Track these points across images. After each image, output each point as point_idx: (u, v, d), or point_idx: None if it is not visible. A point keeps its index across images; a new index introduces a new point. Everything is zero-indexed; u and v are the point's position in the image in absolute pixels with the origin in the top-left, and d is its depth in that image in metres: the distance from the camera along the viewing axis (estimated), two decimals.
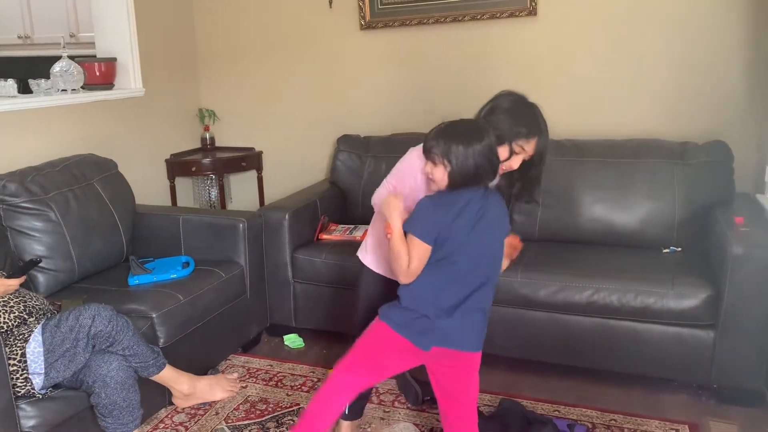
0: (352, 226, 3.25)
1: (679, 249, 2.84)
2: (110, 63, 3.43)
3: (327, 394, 1.88)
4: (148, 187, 3.66)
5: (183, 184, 4.02)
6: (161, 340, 2.42)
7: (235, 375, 2.73)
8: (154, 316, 2.40)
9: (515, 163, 1.99)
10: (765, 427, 2.37)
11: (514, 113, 1.98)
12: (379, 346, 1.86)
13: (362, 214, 3.40)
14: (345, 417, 2.25)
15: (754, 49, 2.99)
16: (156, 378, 2.28)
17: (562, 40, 3.29)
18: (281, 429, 2.39)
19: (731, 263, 2.35)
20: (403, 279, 1.80)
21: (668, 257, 2.77)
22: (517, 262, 2.76)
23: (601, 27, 3.21)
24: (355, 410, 2.26)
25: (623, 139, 3.11)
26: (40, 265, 2.50)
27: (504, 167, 1.97)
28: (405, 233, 1.78)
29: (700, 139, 3.02)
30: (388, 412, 2.50)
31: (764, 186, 2.87)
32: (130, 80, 3.53)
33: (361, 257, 2.22)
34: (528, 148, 1.98)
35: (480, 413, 2.36)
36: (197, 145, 4.08)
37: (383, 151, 3.41)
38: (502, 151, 1.92)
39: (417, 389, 2.53)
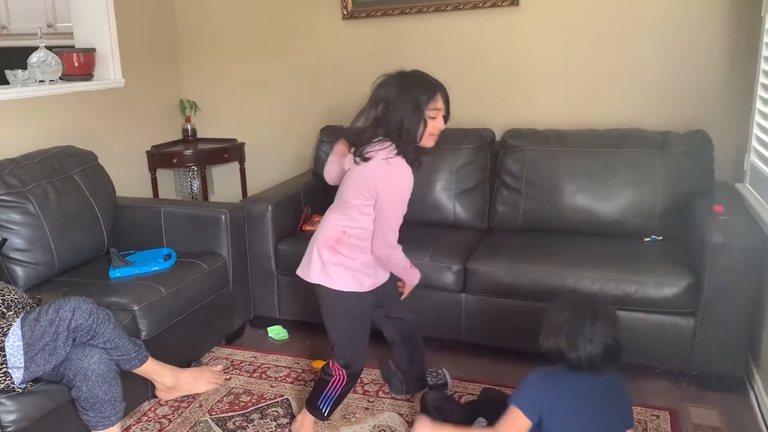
0: None
1: (660, 238, 2.86)
2: (89, 54, 3.38)
3: None
4: (129, 179, 3.62)
5: (164, 176, 3.98)
6: (143, 333, 2.40)
7: (220, 367, 2.72)
8: (135, 308, 2.39)
9: (440, 123, 2.10)
10: (744, 412, 2.40)
11: (406, 87, 2.05)
12: None
13: None
14: (322, 418, 2.23)
15: (734, 40, 3.02)
16: (138, 371, 2.27)
17: (544, 30, 3.29)
18: (265, 420, 2.39)
19: (711, 251, 2.38)
20: None
21: (649, 246, 2.79)
22: (500, 252, 2.78)
23: (584, 18, 3.22)
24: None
25: (605, 129, 3.13)
26: (20, 258, 2.47)
27: (434, 133, 2.08)
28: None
29: (681, 129, 3.05)
30: (373, 401, 2.51)
31: (743, 175, 2.90)
32: (110, 71, 3.49)
33: (323, 282, 2.12)
34: (439, 105, 2.07)
35: (457, 401, 2.38)
36: (179, 136, 4.04)
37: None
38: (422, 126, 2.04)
39: (401, 378, 2.54)
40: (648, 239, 2.86)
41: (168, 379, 2.42)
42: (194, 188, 4.02)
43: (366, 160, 2.04)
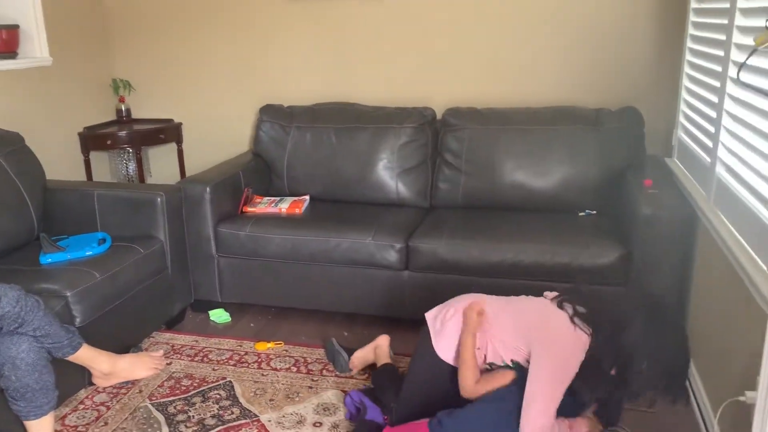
0: (278, 198, 3.21)
1: (594, 212, 2.95)
2: (12, 30, 3.21)
3: None
4: (61, 162, 3.48)
5: (98, 158, 3.85)
6: (77, 320, 2.33)
7: (160, 352, 2.67)
8: (68, 294, 2.31)
9: None
10: None
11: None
12: None
13: (287, 186, 3.36)
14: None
15: (663, 18, 3.11)
16: (72, 358, 2.20)
17: (481, 10, 3.31)
18: (207, 403, 2.37)
19: (640, 224, 2.47)
20: None
21: (584, 220, 2.88)
22: (441, 229, 2.82)
23: None
24: None
25: (541, 107, 3.19)
26: None
27: None
28: None
29: (613, 106, 3.13)
30: (316, 380, 2.51)
31: (672, 150, 3.01)
32: (35, 48, 3.33)
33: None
34: None
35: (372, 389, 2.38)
36: (112, 117, 3.91)
37: (307, 121, 3.37)
38: None
39: (345, 357, 2.55)
40: (583, 213, 2.95)
41: (105, 365, 2.36)
42: (130, 171, 3.91)
43: None
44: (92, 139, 3.66)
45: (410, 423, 1.95)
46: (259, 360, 2.67)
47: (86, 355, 2.26)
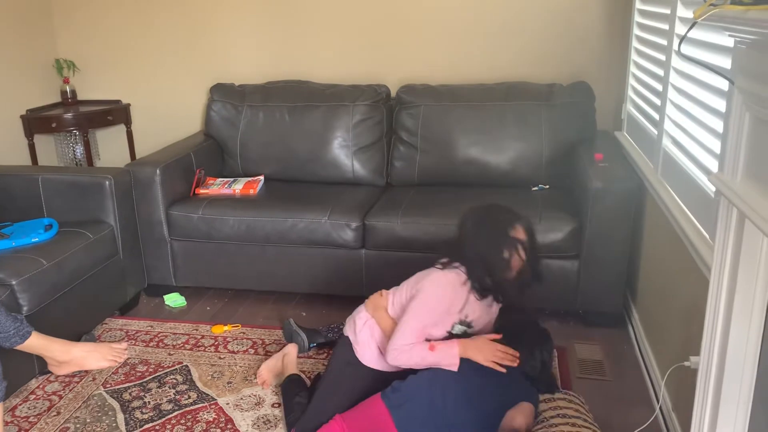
0: (231, 179, 3.16)
1: (547, 186, 2.99)
2: None
3: None
4: (2, 146, 3.36)
5: (43, 141, 3.72)
6: (25, 308, 2.26)
7: (124, 344, 2.54)
8: (14, 283, 2.24)
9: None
10: (623, 344, 2.59)
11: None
12: None
13: (241, 167, 3.31)
14: None
15: None
16: (21, 347, 2.14)
17: None
18: (163, 388, 2.34)
19: (591, 197, 2.51)
20: None
21: (536, 194, 2.91)
22: (397, 207, 2.82)
23: None
24: None
25: (494, 83, 3.20)
26: None
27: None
28: None
29: (565, 81, 3.17)
30: None
31: (621, 123, 3.07)
32: None
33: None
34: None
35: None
36: (57, 99, 3.77)
37: (259, 99, 3.31)
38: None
39: (303, 337, 2.54)
40: (536, 188, 2.98)
41: (58, 353, 2.31)
42: (77, 154, 3.79)
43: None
44: (36, 122, 3.53)
45: (360, 404, 1.96)
46: (216, 343, 2.64)
47: (37, 344, 2.20)
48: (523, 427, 1.88)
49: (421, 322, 1.97)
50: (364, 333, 2.11)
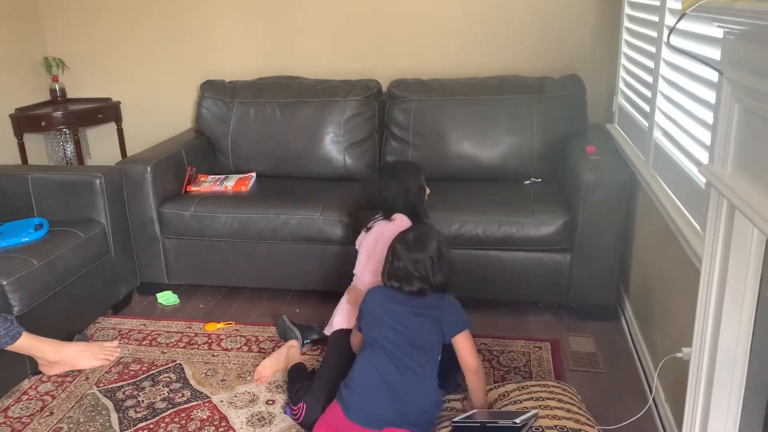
0: (223, 176, 3.15)
1: (539, 180, 2.99)
2: None
3: None
4: None
5: (33, 141, 3.69)
6: (15, 308, 2.25)
7: (115, 342, 2.56)
8: (4, 283, 2.22)
9: None
10: (616, 336, 2.60)
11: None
12: None
13: (232, 163, 3.30)
14: None
15: None
16: (12, 348, 2.14)
17: None
18: (157, 387, 2.33)
19: (583, 190, 2.51)
20: None
21: (529, 188, 2.91)
22: None
23: None
24: None
25: (486, 77, 3.20)
26: None
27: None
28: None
29: (556, 74, 3.16)
30: None
31: (612, 116, 3.07)
32: None
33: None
34: None
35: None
36: (46, 97, 3.74)
37: (250, 96, 3.30)
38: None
39: (297, 334, 2.54)
40: (528, 182, 2.98)
41: (49, 354, 2.30)
42: (68, 153, 3.76)
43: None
44: (25, 121, 3.51)
45: (326, 410, 1.97)
46: (210, 341, 2.63)
47: (27, 345, 2.19)
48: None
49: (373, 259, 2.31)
50: (340, 307, 2.35)
